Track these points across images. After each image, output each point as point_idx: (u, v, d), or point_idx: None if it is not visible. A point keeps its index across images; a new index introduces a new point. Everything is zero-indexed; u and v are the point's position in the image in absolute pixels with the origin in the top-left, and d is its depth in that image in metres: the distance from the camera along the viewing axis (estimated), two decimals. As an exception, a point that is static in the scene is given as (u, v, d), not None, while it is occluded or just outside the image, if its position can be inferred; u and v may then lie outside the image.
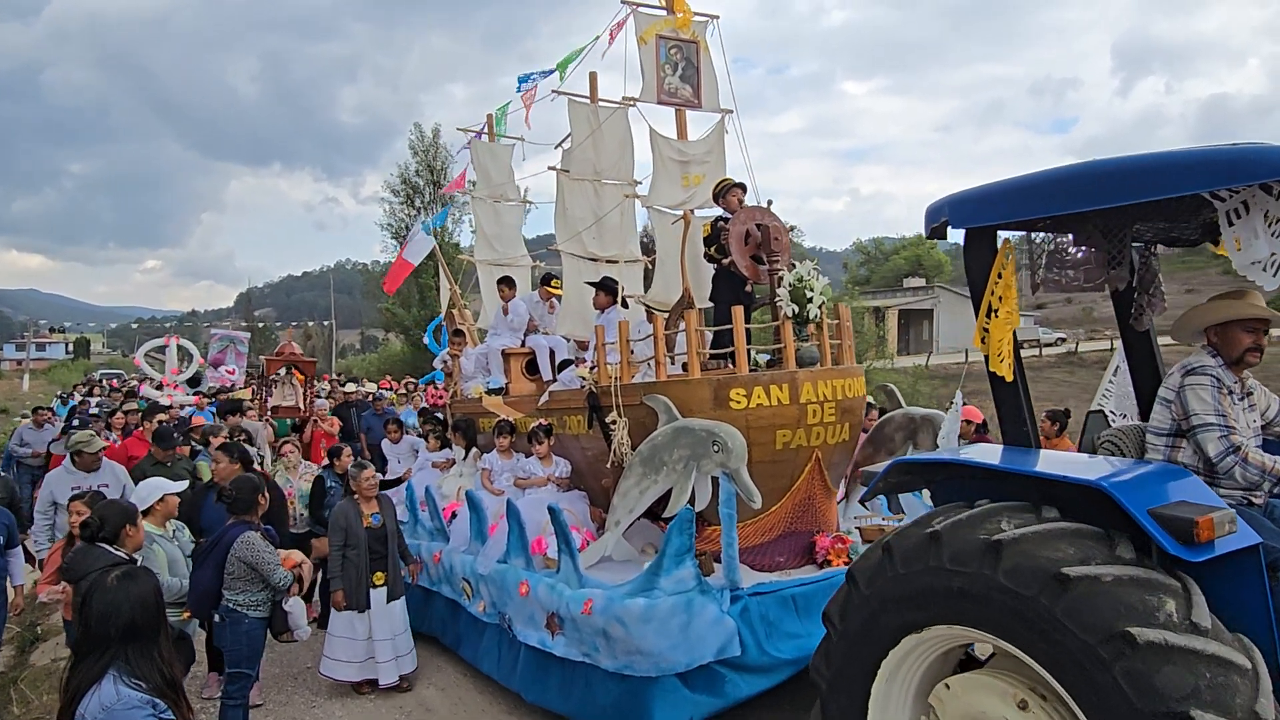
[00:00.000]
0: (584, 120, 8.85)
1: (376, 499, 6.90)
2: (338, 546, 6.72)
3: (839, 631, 4.07)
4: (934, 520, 3.78)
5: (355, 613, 6.74)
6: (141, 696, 2.82)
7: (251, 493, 5.72)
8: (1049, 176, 3.87)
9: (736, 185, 7.02)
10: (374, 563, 6.76)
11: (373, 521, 6.78)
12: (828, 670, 4.08)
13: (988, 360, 4.33)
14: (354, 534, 6.71)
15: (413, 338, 41.62)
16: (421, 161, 43.70)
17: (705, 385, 6.15)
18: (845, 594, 4.11)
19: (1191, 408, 3.76)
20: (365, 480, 6.80)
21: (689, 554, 5.61)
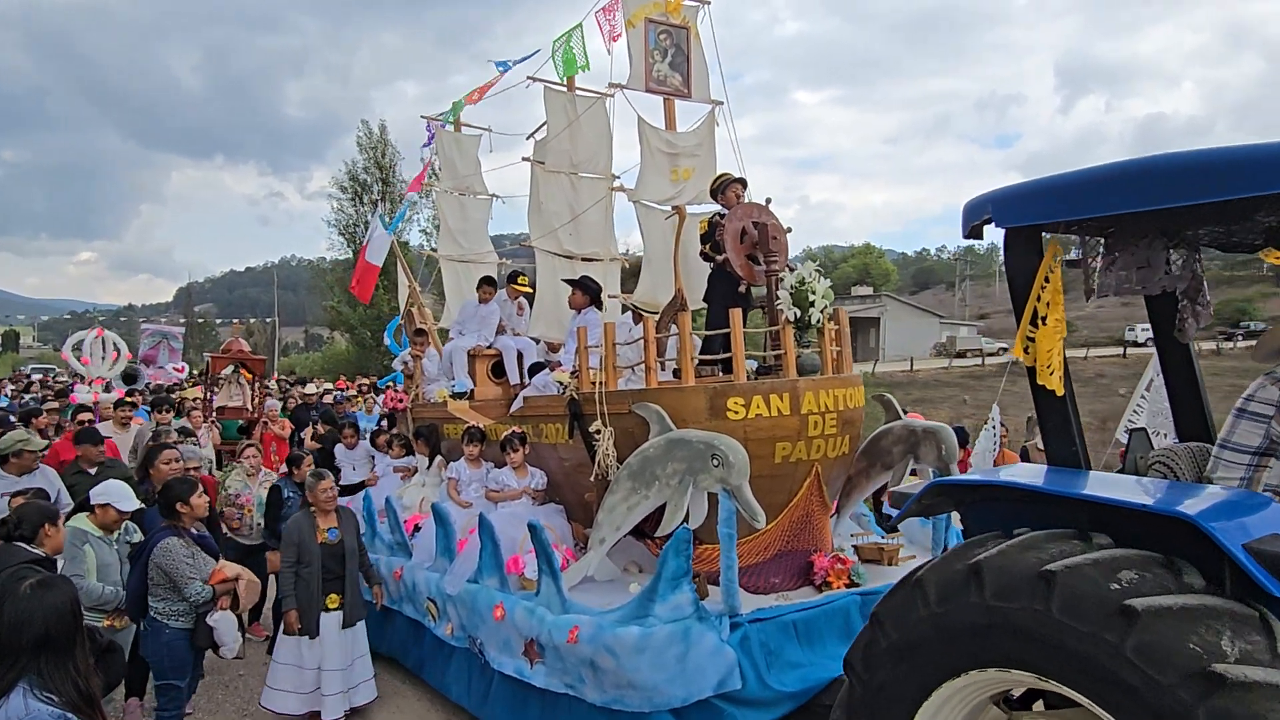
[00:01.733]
0: (561, 109, 8.35)
1: (336, 512, 6.31)
2: (289, 563, 6.11)
3: (863, 682, 3.64)
4: (973, 551, 3.39)
5: (304, 638, 6.12)
6: (53, 711, 2.63)
7: (172, 498, 5.37)
8: (1108, 171, 3.50)
9: (736, 180, 6.59)
10: (328, 583, 6.16)
11: (329, 537, 6.19)
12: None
13: (1033, 373, 3.95)
14: (307, 550, 6.10)
15: (358, 336, 40.64)
16: (370, 158, 42.77)
17: (701, 394, 5.70)
18: (869, 638, 3.69)
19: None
20: (323, 491, 6.20)
21: (686, 578, 5.15)
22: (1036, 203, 3.79)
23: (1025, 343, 4.01)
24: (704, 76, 7.32)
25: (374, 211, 11.80)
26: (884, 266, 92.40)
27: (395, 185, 41.60)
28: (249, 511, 7.91)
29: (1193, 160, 3.23)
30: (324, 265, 49.68)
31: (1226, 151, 3.17)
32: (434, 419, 8.68)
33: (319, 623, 6.10)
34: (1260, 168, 3.04)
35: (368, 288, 10.94)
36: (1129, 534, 3.19)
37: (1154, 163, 3.35)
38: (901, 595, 3.57)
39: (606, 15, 6.93)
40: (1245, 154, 3.10)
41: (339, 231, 42.75)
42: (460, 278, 10.08)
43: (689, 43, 7.17)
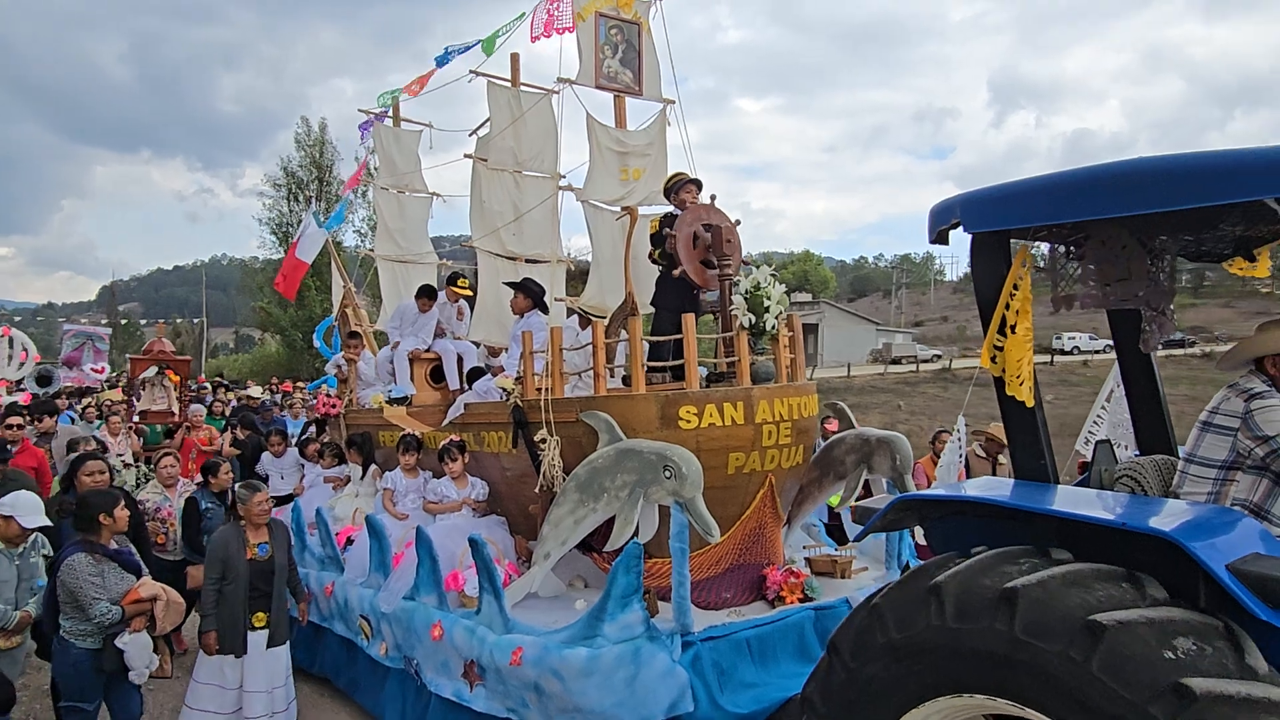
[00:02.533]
0: (505, 105, 8.04)
1: (267, 526, 5.91)
2: (213, 580, 5.70)
3: (821, 716, 3.45)
4: (931, 573, 3.23)
5: (227, 657, 5.71)
6: None
7: (95, 509, 5.09)
8: (1083, 175, 3.37)
9: (691, 181, 6.37)
10: (254, 601, 5.76)
11: (258, 553, 5.78)
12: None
13: (1001, 383, 3.81)
14: (233, 566, 5.70)
15: (289, 338, 39.58)
16: (307, 156, 41.71)
17: (652, 402, 5.46)
18: (826, 669, 3.51)
19: (1270, 429, 3.33)
20: (256, 505, 5.80)
21: (636, 595, 4.90)
22: (1008, 207, 3.65)
23: (993, 352, 3.87)
24: (655, 74, 7.10)
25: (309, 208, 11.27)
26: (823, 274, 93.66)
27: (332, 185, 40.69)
28: (172, 525, 7.43)
29: (1174, 165, 3.11)
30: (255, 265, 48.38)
31: (1209, 156, 3.05)
32: (369, 426, 8.29)
33: (246, 640, 5.72)
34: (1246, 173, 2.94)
35: (294, 285, 10.44)
36: (1099, 551, 3.08)
37: (1132, 166, 3.22)
38: (859, 622, 3.41)
39: (551, 3, 6.64)
40: (1229, 159, 2.99)
41: (271, 230, 41.64)
42: (398, 278, 9.70)
43: (640, 39, 6.94)
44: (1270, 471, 3.48)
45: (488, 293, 8.17)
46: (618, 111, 7.00)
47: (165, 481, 7.60)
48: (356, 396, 8.75)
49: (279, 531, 6.00)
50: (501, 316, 7.89)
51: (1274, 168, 2.89)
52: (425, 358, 8.87)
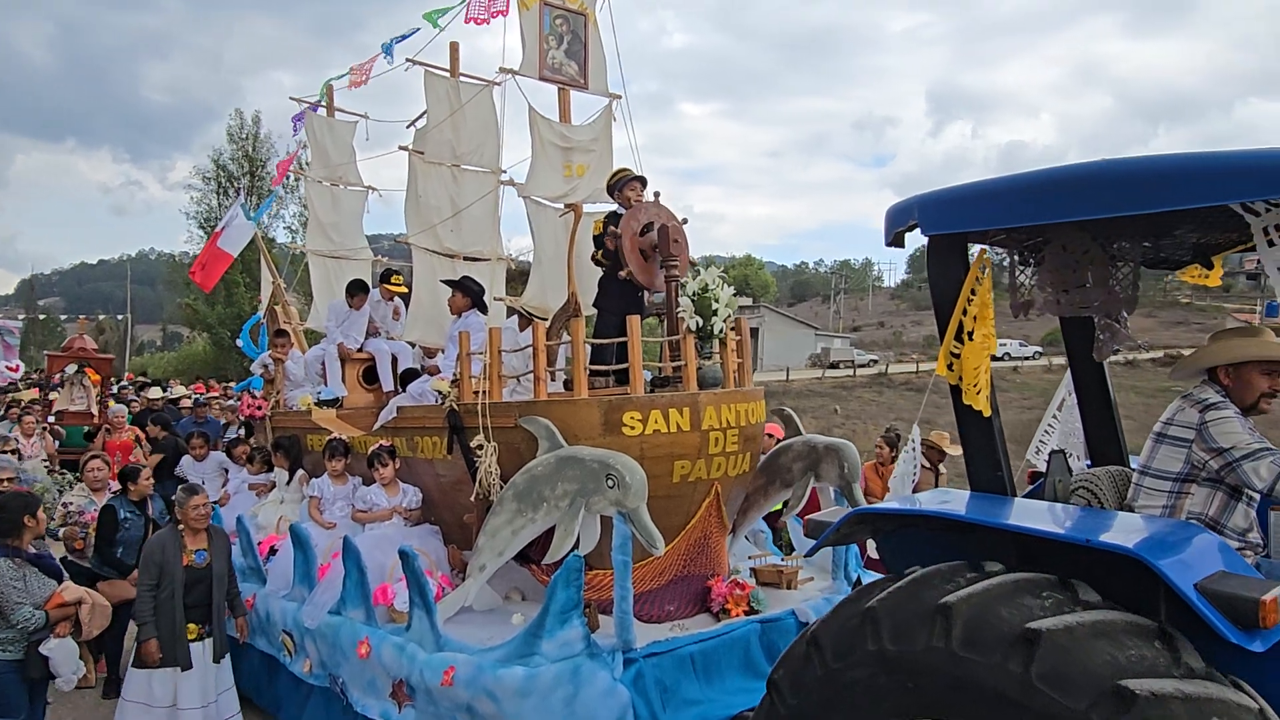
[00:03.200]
0: (443, 96, 7.74)
1: (206, 532, 5.54)
2: (149, 586, 5.32)
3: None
4: (865, 596, 3.09)
5: (158, 671, 5.32)
6: None
7: (16, 512, 4.90)
8: (1045, 177, 3.25)
9: (636, 178, 6.15)
10: (189, 611, 5.39)
11: (195, 560, 5.42)
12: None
13: (958, 391, 3.67)
14: (168, 572, 5.33)
15: (217, 336, 38.36)
16: (240, 149, 40.45)
17: (594, 407, 5.23)
18: (804, 660, 3.33)
19: (1225, 441, 3.24)
20: (194, 509, 5.43)
21: (576, 610, 4.66)
22: (966, 209, 3.51)
23: (949, 359, 3.73)
24: (601, 68, 6.88)
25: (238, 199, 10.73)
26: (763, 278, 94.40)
27: (264, 180, 39.54)
28: (94, 531, 6.97)
29: (1139, 168, 3.00)
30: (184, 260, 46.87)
31: (1175, 159, 2.94)
32: (296, 429, 7.90)
33: (189, 652, 5.38)
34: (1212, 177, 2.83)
35: (212, 276, 9.90)
36: (1053, 564, 2.99)
37: (1096, 169, 3.11)
38: (797, 655, 3.27)
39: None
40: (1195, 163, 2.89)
41: (199, 224, 40.24)
42: (330, 275, 9.30)
43: (586, 31, 6.71)
44: (1225, 485, 3.41)
45: (424, 291, 7.85)
46: (562, 105, 6.76)
47: (93, 485, 7.12)
48: (284, 398, 8.35)
49: (219, 539, 5.65)
50: (438, 316, 7.58)
51: (1240, 172, 2.80)
52: (357, 358, 8.50)
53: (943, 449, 8.70)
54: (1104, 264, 3.64)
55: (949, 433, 9.66)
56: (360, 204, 9.67)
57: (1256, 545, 3.47)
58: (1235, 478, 3.29)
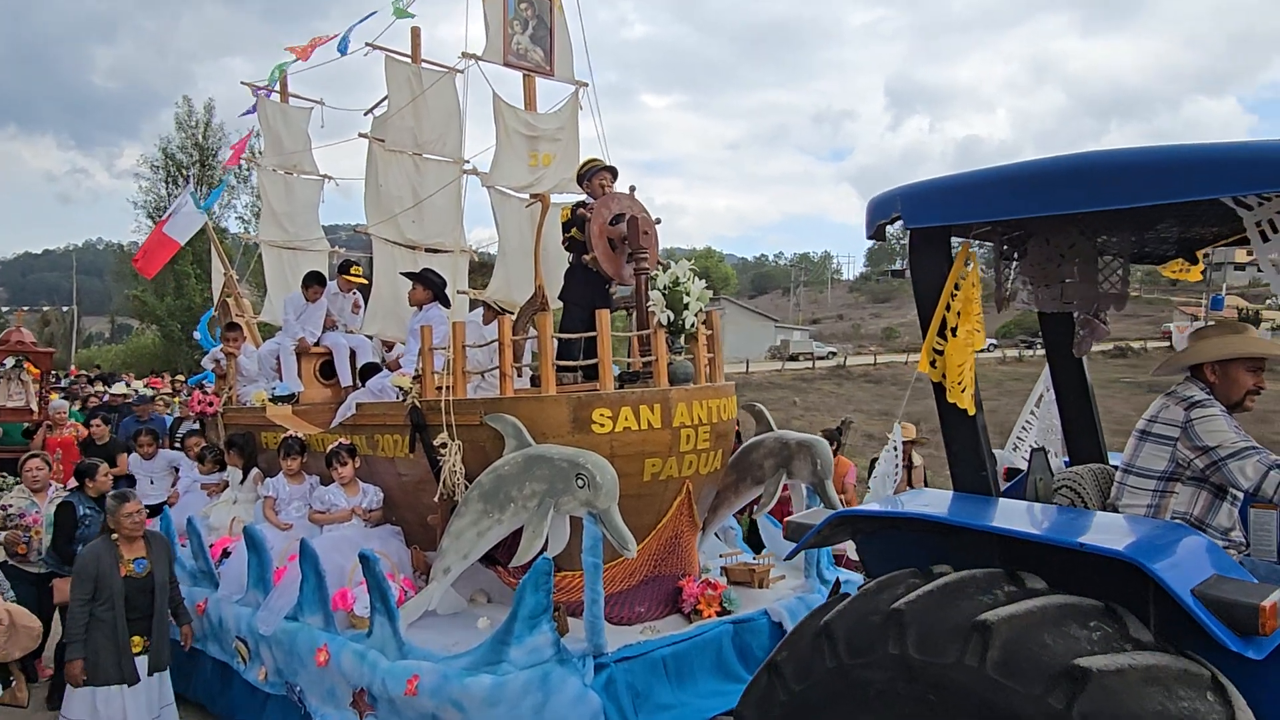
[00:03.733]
0: (404, 82, 7.49)
1: (144, 539, 5.27)
2: (82, 600, 5.03)
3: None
4: (889, 594, 2.99)
5: (101, 688, 5.06)
6: None
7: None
8: (1034, 169, 3.16)
9: (606, 168, 5.98)
10: (131, 624, 5.13)
11: (135, 569, 5.14)
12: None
13: (941, 389, 3.57)
14: (106, 584, 5.05)
15: (166, 329, 37.40)
16: (189, 138, 39.39)
17: (563, 404, 5.07)
18: (766, 690, 3.23)
19: (1210, 440, 3.18)
20: (127, 516, 5.15)
21: (546, 615, 4.51)
22: (952, 201, 3.40)
23: (932, 356, 3.62)
24: (568, 54, 6.68)
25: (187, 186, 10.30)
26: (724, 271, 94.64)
27: (214, 169, 38.56)
28: (37, 534, 6.64)
29: (1134, 160, 2.91)
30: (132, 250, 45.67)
31: (1171, 151, 2.86)
32: (250, 426, 7.62)
33: (135, 666, 5.10)
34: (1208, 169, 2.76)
35: (155, 263, 9.49)
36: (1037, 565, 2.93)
37: (1087, 161, 3.02)
38: (805, 642, 3.12)
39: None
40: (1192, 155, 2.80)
41: (147, 214, 39.14)
42: (285, 266, 9.00)
43: (552, 15, 6.50)
44: (1210, 483, 3.35)
45: (384, 283, 7.61)
46: (527, 92, 6.56)
47: (33, 486, 6.78)
48: (236, 394, 8.05)
49: (158, 545, 5.37)
50: (398, 309, 7.35)
51: (1233, 165, 2.72)
52: (314, 352, 8.23)
53: (916, 441, 8.68)
54: (1090, 258, 3.56)
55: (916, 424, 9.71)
56: (316, 193, 9.37)
57: (1240, 544, 3.42)
58: (1221, 476, 3.23)
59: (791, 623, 5.50)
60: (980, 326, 3.60)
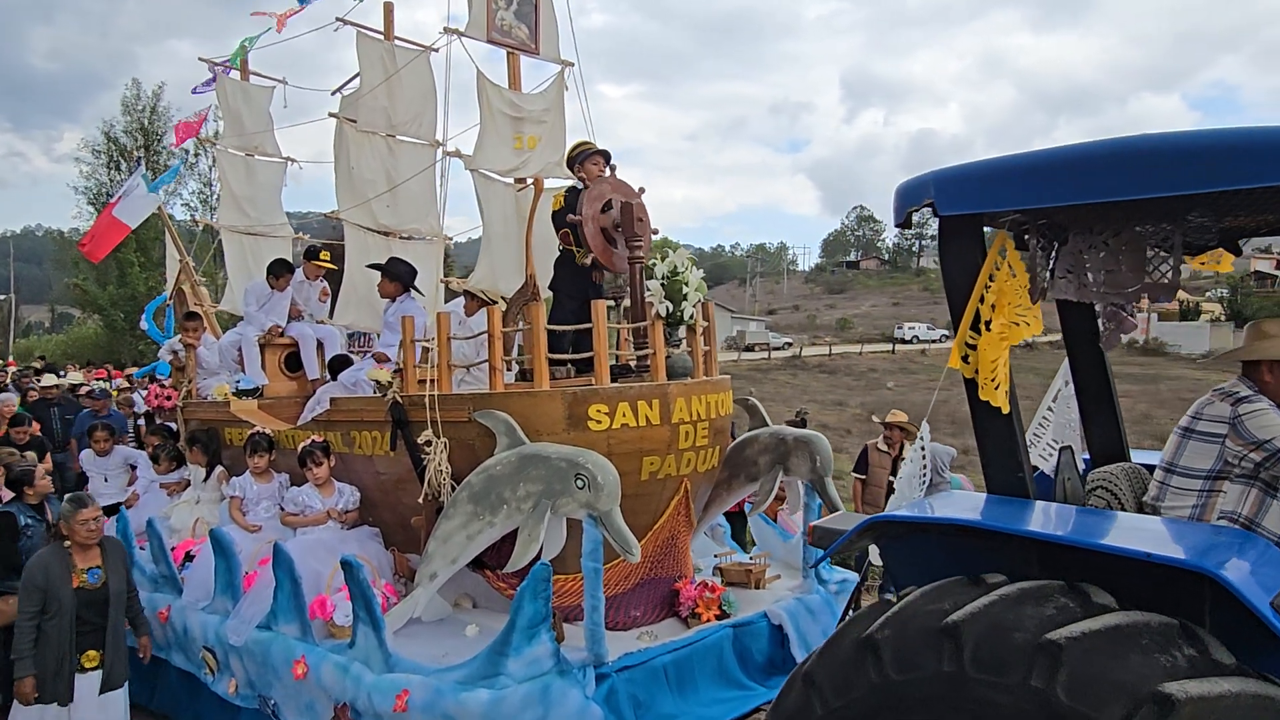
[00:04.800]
0: (377, 60, 7.13)
1: (99, 546, 4.90)
2: (30, 614, 4.67)
3: None
4: (937, 603, 2.80)
5: (51, 706, 4.71)
6: None
7: None
8: (1085, 153, 2.97)
9: (598, 152, 5.70)
10: (83, 637, 4.78)
11: (88, 580, 4.78)
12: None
13: (973, 386, 3.39)
14: (56, 596, 4.69)
15: (109, 318, 36.20)
16: (134, 121, 38.02)
17: (558, 399, 4.81)
18: (800, 703, 3.02)
19: (1263, 433, 3.06)
20: (82, 524, 4.78)
21: (545, 624, 4.26)
22: (991, 187, 3.21)
23: (964, 350, 3.43)
24: (553, 32, 6.39)
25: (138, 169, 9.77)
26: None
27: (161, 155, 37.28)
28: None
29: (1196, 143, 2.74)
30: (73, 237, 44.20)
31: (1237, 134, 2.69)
32: (213, 421, 7.22)
33: (73, 685, 4.75)
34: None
35: (103, 246, 8.93)
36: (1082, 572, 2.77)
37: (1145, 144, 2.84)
38: (845, 653, 2.92)
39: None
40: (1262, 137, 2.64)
41: (89, 200, 37.76)
42: (246, 252, 8.57)
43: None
44: (1260, 480, 3.22)
45: (356, 272, 7.25)
46: (511, 71, 6.25)
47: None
48: (196, 387, 7.63)
49: (114, 553, 5.01)
50: (371, 298, 7.01)
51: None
52: (279, 343, 7.84)
53: (911, 430, 8.55)
54: (1138, 248, 3.39)
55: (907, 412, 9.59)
56: (278, 176, 8.94)
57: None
58: (1274, 471, 3.10)
59: (792, 625, 5.33)
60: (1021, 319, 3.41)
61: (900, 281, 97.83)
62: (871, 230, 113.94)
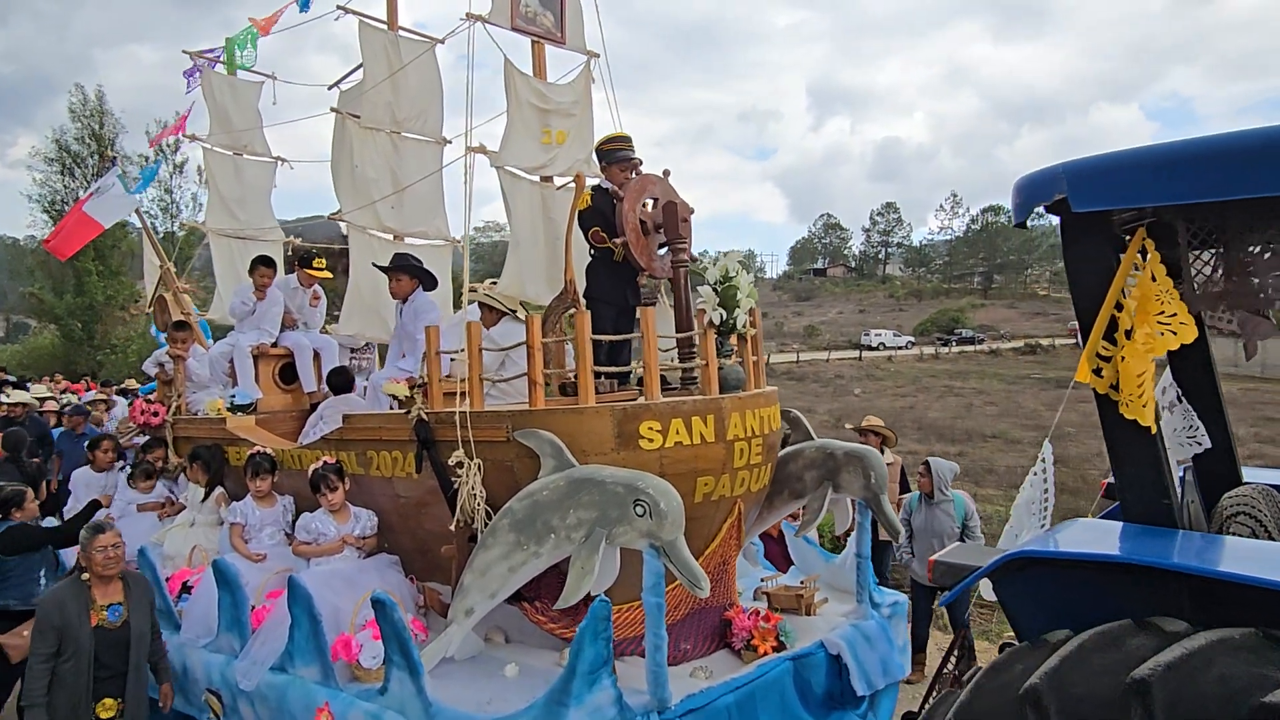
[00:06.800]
0: (380, 52, 6.67)
1: (122, 580, 4.41)
2: (44, 655, 4.18)
3: None
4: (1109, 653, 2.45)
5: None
6: None
7: None
8: (1259, 140, 2.64)
9: (630, 160, 5.29)
10: (101, 684, 4.31)
11: (108, 617, 4.30)
12: None
13: (1108, 402, 3.04)
14: (73, 636, 4.20)
15: (66, 328, 35.12)
16: (84, 128, 36.88)
17: (606, 416, 4.39)
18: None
19: None
20: (100, 550, 4.30)
21: (606, 668, 3.84)
22: (1137, 180, 2.87)
23: (1097, 363, 3.08)
24: (579, 21, 5.99)
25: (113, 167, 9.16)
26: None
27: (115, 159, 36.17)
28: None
29: None
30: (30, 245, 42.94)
31: None
32: (204, 439, 6.69)
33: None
34: None
35: (72, 244, 8.34)
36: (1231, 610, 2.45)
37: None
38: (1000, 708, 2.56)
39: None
40: None
41: (43, 208, 36.58)
42: (235, 257, 8.06)
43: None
44: None
45: (360, 277, 6.76)
46: (536, 62, 5.82)
47: None
48: (185, 402, 7.10)
49: (138, 588, 4.54)
50: (378, 305, 6.54)
51: None
52: (273, 354, 7.34)
53: (884, 434, 8.26)
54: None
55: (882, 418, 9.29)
56: (268, 177, 8.44)
57: None
58: None
59: (851, 655, 4.96)
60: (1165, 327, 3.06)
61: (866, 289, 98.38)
62: (838, 238, 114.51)
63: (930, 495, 6.98)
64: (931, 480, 6.93)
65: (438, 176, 6.91)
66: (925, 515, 7.01)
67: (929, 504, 7.03)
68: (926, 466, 7.07)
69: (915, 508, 7.12)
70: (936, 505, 6.98)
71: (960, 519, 6.95)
